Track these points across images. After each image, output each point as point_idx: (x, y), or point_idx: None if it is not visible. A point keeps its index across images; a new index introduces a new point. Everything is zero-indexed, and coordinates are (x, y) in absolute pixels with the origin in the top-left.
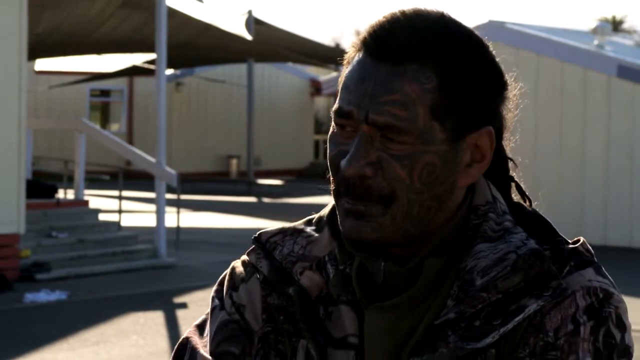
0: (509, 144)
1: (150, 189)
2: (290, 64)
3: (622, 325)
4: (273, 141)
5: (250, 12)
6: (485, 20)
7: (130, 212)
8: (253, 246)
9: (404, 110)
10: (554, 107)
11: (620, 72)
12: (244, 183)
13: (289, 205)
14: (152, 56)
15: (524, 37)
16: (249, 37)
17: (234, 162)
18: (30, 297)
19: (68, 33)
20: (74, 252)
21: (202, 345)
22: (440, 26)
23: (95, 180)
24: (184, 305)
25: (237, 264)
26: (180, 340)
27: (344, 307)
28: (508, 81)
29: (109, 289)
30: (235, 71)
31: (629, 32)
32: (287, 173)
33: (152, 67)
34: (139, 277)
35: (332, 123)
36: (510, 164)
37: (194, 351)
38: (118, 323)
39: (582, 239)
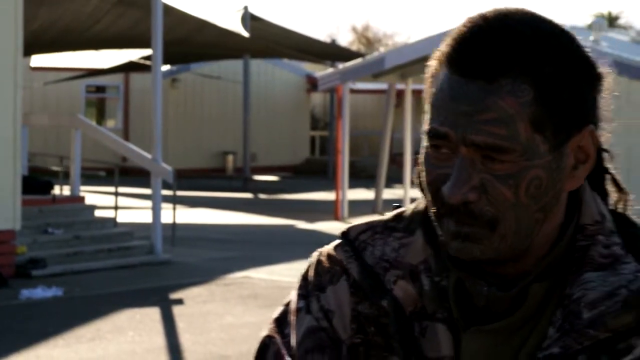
0: (604, 133)
1: (146, 185)
2: (286, 60)
3: None
4: (269, 137)
5: (246, 8)
6: None
7: (126, 208)
8: (340, 241)
9: (504, 128)
10: None
11: (616, 68)
12: (240, 179)
13: (285, 201)
14: (148, 52)
15: None
16: (245, 34)
17: (230, 158)
18: (26, 293)
19: (64, 29)
20: (69, 249)
21: (284, 346)
22: (529, 30)
23: (91, 177)
24: (180, 302)
25: (324, 258)
26: (262, 339)
27: (440, 326)
28: (602, 71)
29: (105, 285)
30: (231, 67)
31: (625, 28)
32: (283, 169)
33: (148, 63)
34: (135, 273)
35: (425, 144)
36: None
37: (279, 356)
38: (114, 319)
39: None
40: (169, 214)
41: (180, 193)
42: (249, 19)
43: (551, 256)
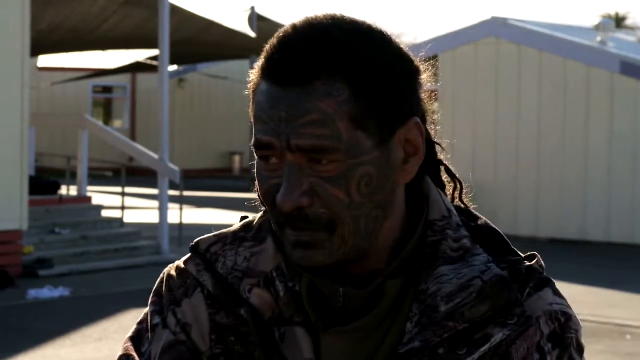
0: (432, 126)
1: (153, 185)
2: None
3: (581, 349)
4: None
5: (253, 9)
6: (488, 17)
7: (133, 208)
8: (190, 255)
9: (325, 129)
10: (556, 104)
11: (623, 69)
12: (247, 179)
13: None
14: (154, 53)
15: (526, 33)
16: (252, 34)
17: (237, 158)
18: (33, 293)
19: (71, 30)
20: (76, 249)
21: None
22: (337, 32)
23: (98, 177)
24: None
25: (173, 273)
26: (119, 357)
27: (298, 330)
28: (419, 65)
29: (111, 285)
30: (238, 68)
31: (632, 29)
32: None
33: (154, 63)
34: (141, 273)
35: (256, 157)
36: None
37: None
38: (120, 319)
39: (536, 254)
40: (175, 214)
41: (186, 193)
42: (256, 20)
43: (405, 253)
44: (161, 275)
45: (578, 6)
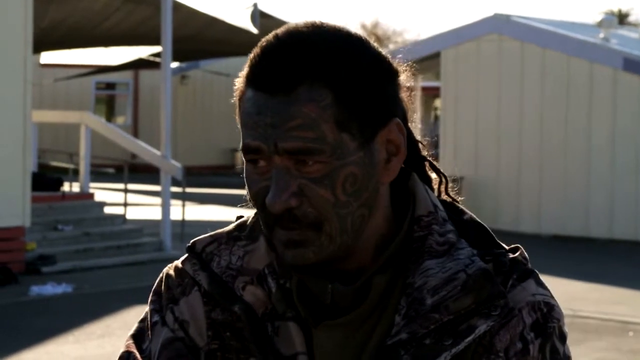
0: (414, 125)
1: (156, 182)
2: None
3: (564, 338)
4: None
5: (255, 5)
6: (490, 14)
7: (136, 205)
8: (187, 255)
9: (310, 131)
10: (559, 100)
11: (626, 65)
12: None
13: None
14: (157, 49)
15: (529, 30)
16: (254, 31)
17: (239, 155)
18: (36, 290)
19: (73, 26)
20: (79, 245)
21: None
22: (318, 39)
23: (101, 174)
24: None
25: (172, 272)
26: (120, 354)
27: (291, 324)
28: (397, 67)
29: (114, 281)
30: (240, 64)
31: (635, 25)
32: None
33: (157, 60)
34: (144, 270)
35: (244, 161)
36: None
37: None
38: (123, 316)
39: (520, 247)
40: (178, 211)
41: (189, 190)
42: (259, 16)
43: (391, 249)
44: (160, 275)
45: (581, 3)
